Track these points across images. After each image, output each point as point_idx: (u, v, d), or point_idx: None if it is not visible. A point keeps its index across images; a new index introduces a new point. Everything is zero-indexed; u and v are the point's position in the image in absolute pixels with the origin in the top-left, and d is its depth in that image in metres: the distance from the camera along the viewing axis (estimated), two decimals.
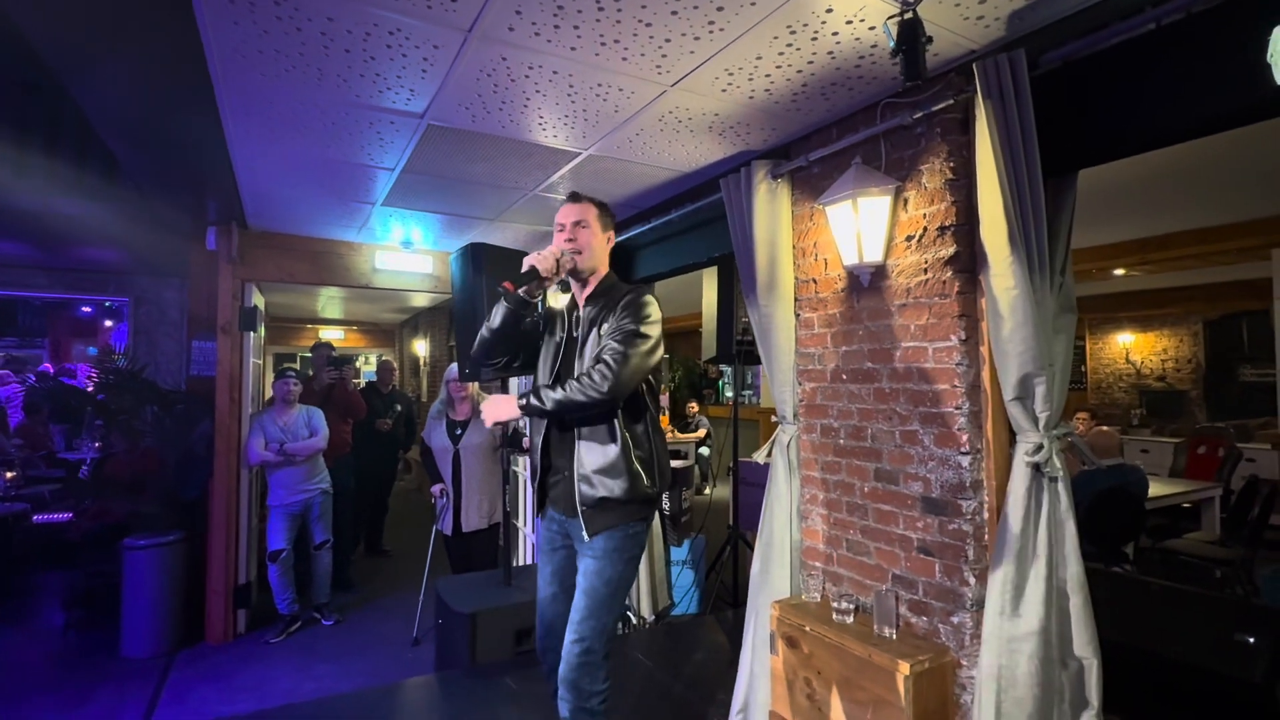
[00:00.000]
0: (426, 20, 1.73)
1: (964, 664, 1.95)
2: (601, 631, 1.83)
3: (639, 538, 1.93)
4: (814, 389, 2.53)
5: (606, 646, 1.83)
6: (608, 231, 2.07)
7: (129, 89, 2.38)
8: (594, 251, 2.01)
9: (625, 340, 1.81)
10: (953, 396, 2.00)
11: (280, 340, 10.33)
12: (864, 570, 2.29)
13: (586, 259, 1.99)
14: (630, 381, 1.79)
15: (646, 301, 1.90)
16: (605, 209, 2.08)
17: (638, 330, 1.83)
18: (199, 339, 4.39)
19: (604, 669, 1.83)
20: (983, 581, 1.94)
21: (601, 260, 2.05)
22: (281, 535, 4.08)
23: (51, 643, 4.06)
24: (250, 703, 3.25)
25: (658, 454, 1.94)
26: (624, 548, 1.88)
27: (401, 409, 5.89)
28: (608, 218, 2.08)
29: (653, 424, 1.96)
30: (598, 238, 2.02)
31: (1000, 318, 1.84)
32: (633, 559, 1.92)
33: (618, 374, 1.76)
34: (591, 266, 2.01)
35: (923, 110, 2.00)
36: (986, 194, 1.86)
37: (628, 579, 1.90)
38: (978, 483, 1.97)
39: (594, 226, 2.02)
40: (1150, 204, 3.90)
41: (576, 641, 1.82)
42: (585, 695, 1.80)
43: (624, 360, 1.78)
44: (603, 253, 2.05)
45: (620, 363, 1.78)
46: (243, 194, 3.42)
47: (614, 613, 1.87)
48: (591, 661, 1.80)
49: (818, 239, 2.50)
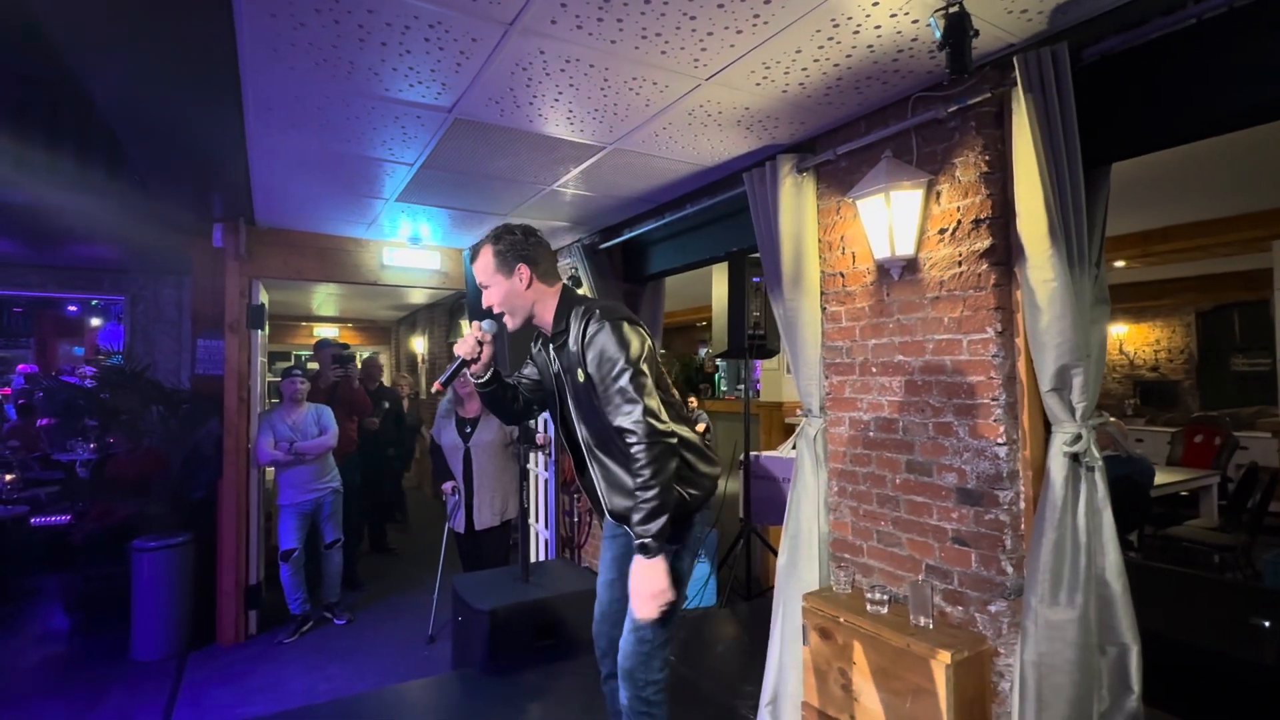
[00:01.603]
0: (469, 13, 1.71)
1: (1002, 652, 1.98)
2: (662, 622, 1.80)
3: (695, 529, 1.91)
4: (842, 382, 2.54)
5: (662, 636, 1.81)
6: (516, 269, 1.81)
7: (146, 81, 2.33)
8: (513, 304, 1.84)
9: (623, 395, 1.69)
10: (988, 388, 2.01)
11: (275, 338, 10.20)
12: (896, 561, 2.31)
13: (513, 315, 1.86)
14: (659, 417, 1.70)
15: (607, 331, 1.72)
16: (502, 247, 1.82)
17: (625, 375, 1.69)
18: (204, 337, 4.32)
19: (660, 658, 1.82)
20: (1020, 571, 1.96)
21: (531, 301, 1.85)
22: (293, 534, 4.04)
23: (57, 646, 4.00)
24: (267, 704, 3.22)
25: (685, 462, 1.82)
26: (677, 538, 1.84)
27: (389, 406, 5.84)
28: (510, 256, 1.81)
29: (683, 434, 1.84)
30: (507, 289, 1.83)
31: (1038, 310, 1.86)
32: (688, 550, 1.89)
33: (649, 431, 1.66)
34: (523, 317, 1.86)
35: (958, 104, 2.01)
36: (1025, 187, 1.87)
37: (679, 570, 1.86)
38: (1014, 473, 1.99)
39: (496, 281, 1.83)
40: (1152, 196, 3.96)
41: (632, 631, 1.82)
42: (641, 685, 1.80)
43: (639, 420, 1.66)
44: (525, 296, 1.83)
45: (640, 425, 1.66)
46: (254, 190, 3.37)
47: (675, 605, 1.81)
48: (646, 651, 1.79)
49: (845, 233, 2.51)
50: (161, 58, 2.16)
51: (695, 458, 1.88)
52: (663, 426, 1.69)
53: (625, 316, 1.79)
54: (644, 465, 1.65)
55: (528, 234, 1.86)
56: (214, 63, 2.05)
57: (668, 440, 1.69)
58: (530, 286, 1.83)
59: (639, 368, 1.71)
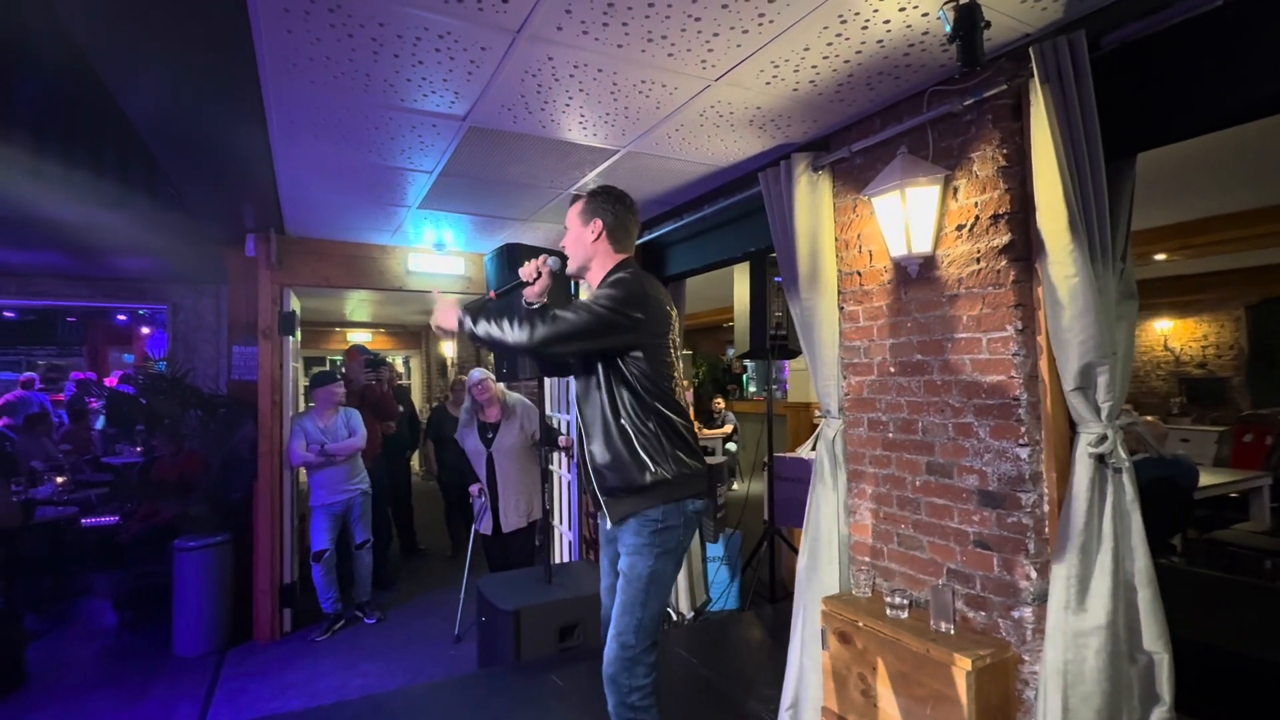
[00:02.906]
0: (476, 23, 1.74)
1: (1026, 659, 1.92)
2: (637, 628, 1.79)
3: (673, 533, 1.84)
4: (860, 382, 2.50)
5: (644, 642, 1.79)
6: (591, 222, 1.95)
7: (175, 98, 2.42)
8: (576, 250, 1.98)
9: (574, 308, 1.79)
10: (1010, 387, 1.96)
11: (311, 344, 10.48)
12: (917, 565, 2.27)
13: (574, 258, 2.00)
14: (552, 342, 1.76)
15: (619, 281, 1.85)
16: (592, 198, 1.98)
17: (591, 304, 1.79)
18: (239, 344, 4.47)
19: (644, 665, 1.79)
20: (1044, 575, 1.91)
21: (592, 254, 1.97)
22: (324, 535, 4.14)
23: (106, 641, 4.17)
24: (300, 700, 3.31)
25: (665, 439, 1.83)
26: (653, 541, 1.82)
27: (404, 410, 5.94)
28: (592, 206, 1.96)
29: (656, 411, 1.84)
30: (578, 234, 1.97)
31: (1059, 306, 1.80)
32: (665, 553, 1.83)
33: (536, 329, 1.75)
34: (580, 264, 1.99)
35: (974, 97, 1.96)
36: (1044, 180, 1.82)
37: (660, 574, 1.82)
38: (1037, 475, 1.94)
39: (574, 225, 1.99)
40: (1189, 186, 3.80)
41: (614, 636, 1.81)
42: (624, 690, 1.78)
43: (554, 320, 1.75)
44: (589, 247, 1.96)
45: (549, 321, 1.75)
46: (282, 200, 3.47)
47: (649, 609, 1.81)
48: (627, 657, 1.78)
49: (861, 231, 2.47)
50: (188, 76, 2.24)
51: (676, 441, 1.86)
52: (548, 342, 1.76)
53: (642, 279, 1.87)
54: (515, 325, 1.77)
55: (617, 199, 1.98)
56: (238, 79, 2.12)
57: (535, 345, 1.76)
58: (596, 240, 1.95)
59: (611, 310, 1.77)
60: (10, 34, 3.37)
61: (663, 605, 1.83)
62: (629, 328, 1.79)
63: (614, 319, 1.77)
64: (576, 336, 1.76)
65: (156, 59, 2.13)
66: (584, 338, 1.77)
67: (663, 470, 1.81)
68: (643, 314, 1.80)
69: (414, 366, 11.80)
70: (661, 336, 1.87)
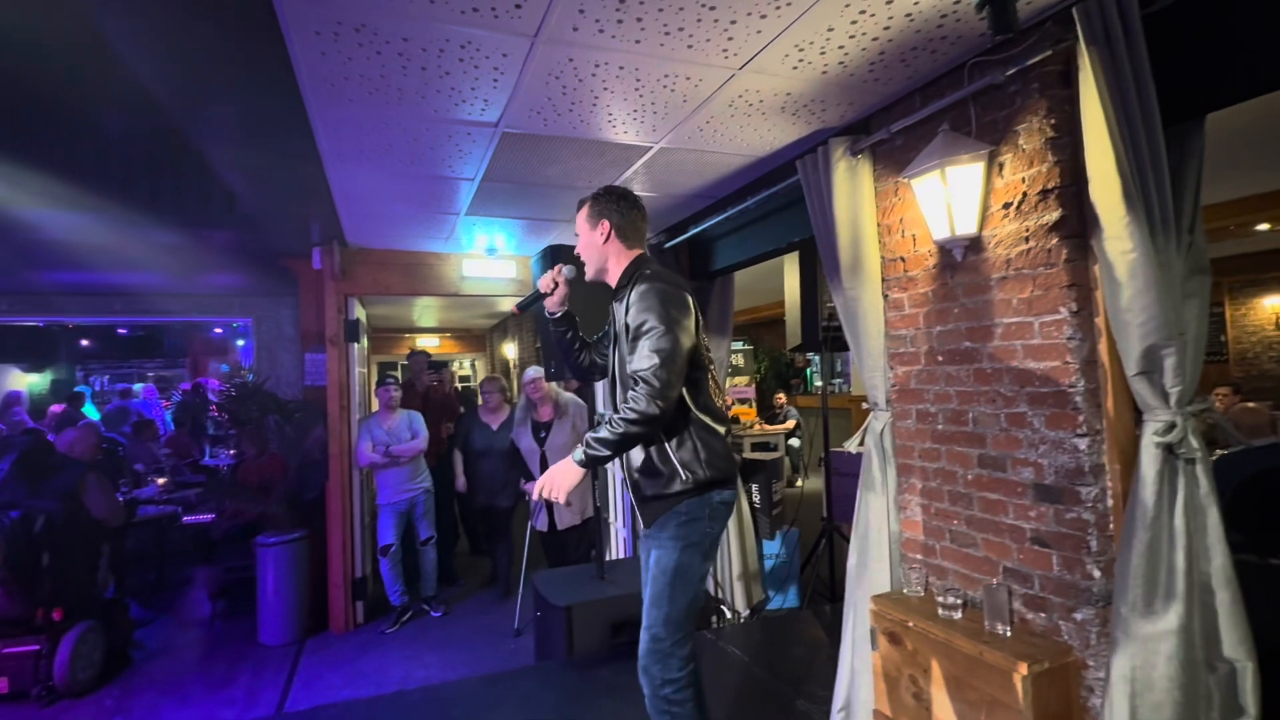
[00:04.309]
0: (494, 30, 1.77)
1: (1090, 664, 1.79)
2: (666, 620, 1.78)
3: (698, 525, 1.81)
4: (907, 373, 2.40)
5: (675, 635, 1.78)
6: (599, 224, 1.95)
7: (238, 132, 2.63)
8: (591, 254, 1.99)
9: (649, 350, 1.71)
10: (1064, 374, 1.83)
11: (382, 350, 11.00)
12: (971, 563, 2.15)
13: (589, 263, 2.02)
14: (674, 386, 1.70)
15: (648, 293, 1.78)
16: (595, 200, 1.97)
17: (655, 332, 1.72)
18: (311, 352, 4.74)
19: (676, 658, 1.77)
20: (1109, 575, 1.77)
21: (605, 255, 1.97)
22: (390, 531, 4.35)
23: (201, 630, 4.53)
24: (368, 689, 3.48)
25: (701, 447, 1.80)
26: (680, 535, 1.81)
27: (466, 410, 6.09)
28: (597, 208, 1.96)
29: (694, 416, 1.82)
30: (589, 238, 1.98)
31: (1117, 284, 1.67)
32: (692, 546, 1.81)
33: (656, 388, 1.66)
34: (598, 266, 2.00)
35: (1016, 66, 1.84)
36: (1095, 150, 1.69)
37: (688, 568, 1.80)
38: (1098, 467, 1.80)
39: (583, 230, 2.00)
40: None
41: (646, 629, 1.82)
42: (657, 683, 1.78)
43: (655, 371, 1.68)
44: (601, 249, 1.96)
45: (653, 375, 1.67)
46: (340, 214, 3.65)
47: (679, 602, 1.79)
48: (659, 649, 1.77)
49: (904, 215, 2.37)
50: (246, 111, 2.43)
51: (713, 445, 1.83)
52: (668, 389, 1.67)
53: (672, 281, 1.84)
54: (633, 405, 1.66)
55: (620, 198, 1.98)
56: (286, 106, 2.25)
57: (666, 402, 1.67)
58: (607, 241, 1.96)
59: (672, 330, 1.72)
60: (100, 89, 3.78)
61: (692, 599, 1.81)
62: (691, 333, 1.80)
63: (683, 337, 1.74)
64: (678, 367, 1.71)
65: (220, 101, 2.32)
66: (678, 361, 1.71)
67: (694, 476, 1.80)
68: (692, 317, 1.81)
69: (479, 368, 12.18)
70: (696, 334, 1.86)
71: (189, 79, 2.12)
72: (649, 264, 1.94)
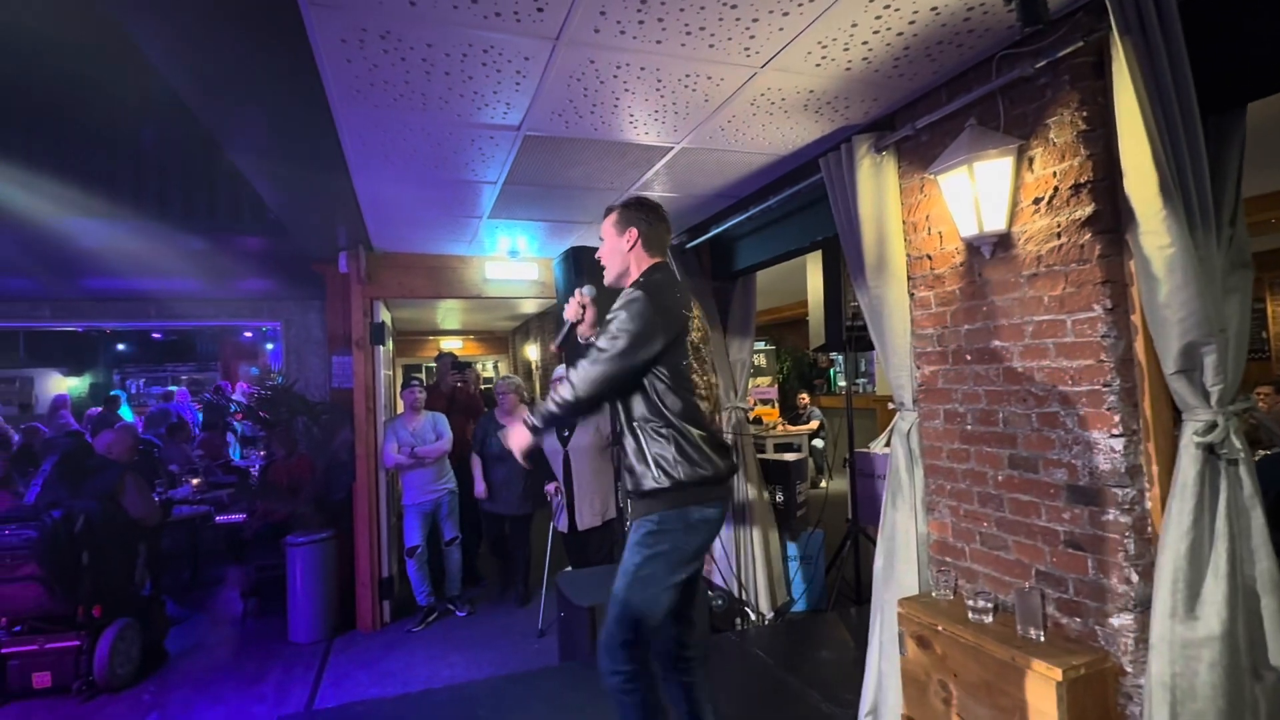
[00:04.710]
0: (516, 33, 1.78)
1: (1129, 671, 1.75)
2: (619, 618, 1.81)
3: (668, 537, 1.83)
4: (934, 372, 2.36)
5: (625, 633, 1.80)
6: (627, 231, 2.01)
7: (268, 142, 2.68)
8: (614, 260, 2.05)
9: (593, 353, 1.84)
10: (1098, 372, 1.79)
11: (407, 352, 11.14)
12: (1002, 566, 2.11)
13: (609, 269, 2.07)
14: (591, 387, 1.82)
15: (623, 303, 1.86)
16: (625, 209, 2.03)
17: (605, 340, 1.82)
18: (338, 354, 4.82)
19: (623, 654, 1.80)
20: (1148, 579, 1.72)
21: (628, 262, 2.03)
22: (417, 532, 4.39)
23: (233, 627, 4.62)
24: (396, 687, 3.52)
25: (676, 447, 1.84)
26: (646, 543, 1.84)
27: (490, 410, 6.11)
28: (626, 216, 2.02)
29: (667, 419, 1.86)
30: (614, 244, 2.04)
31: (1154, 280, 1.62)
32: (656, 556, 1.82)
33: (575, 386, 1.83)
34: (618, 272, 2.05)
35: (1047, 58, 1.80)
36: (1130, 142, 1.64)
37: (648, 576, 1.82)
38: (1135, 468, 1.75)
39: (609, 236, 2.05)
40: None
41: (606, 620, 1.87)
42: (606, 670, 1.83)
43: (582, 371, 1.82)
44: (625, 256, 2.02)
45: (580, 374, 1.83)
46: (366, 219, 3.71)
47: (631, 603, 1.81)
48: (609, 641, 1.82)
49: (930, 212, 2.33)
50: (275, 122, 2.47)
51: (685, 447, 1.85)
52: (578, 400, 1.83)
53: (652, 293, 1.86)
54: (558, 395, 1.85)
55: (650, 209, 2.04)
56: (313, 115, 2.29)
57: (582, 403, 1.84)
58: (632, 249, 2.01)
59: (615, 343, 1.80)
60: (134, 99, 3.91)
61: (650, 605, 1.81)
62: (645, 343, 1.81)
63: (629, 344, 1.80)
64: (605, 376, 1.81)
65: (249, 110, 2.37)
66: (612, 374, 1.81)
67: (668, 478, 1.83)
68: (651, 326, 1.82)
69: (502, 369, 12.27)
70: (676, 342, 1.87)
71: (220, 88, 2.17)
72: (659, 270, 1.99)
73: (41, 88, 4.36)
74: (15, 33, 4.01)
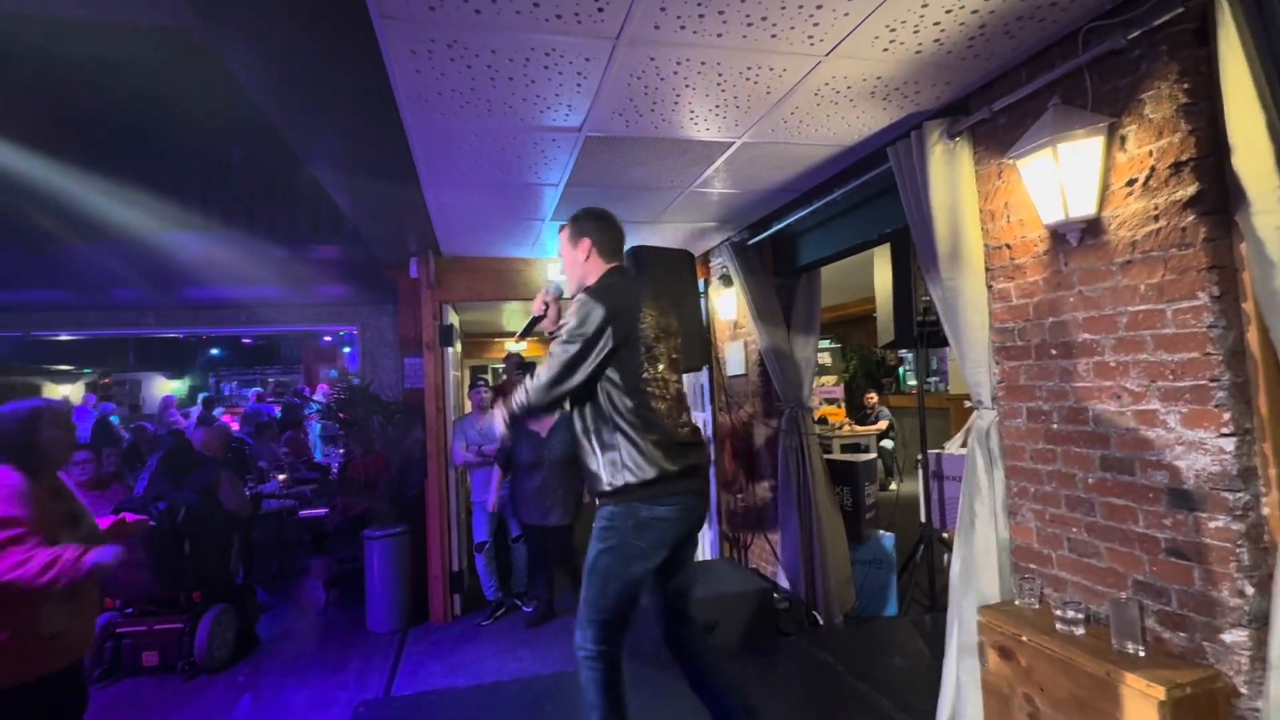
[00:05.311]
0: (576, 35, 1.80)
1: (1244, 692, 1.60)
2: (585, 601, 1.97)
3: (615, 533, 1.95)
4: (1015, 368, 2.24)
5: (590, 614, 1.96)
6: (580, 242, 2.14)
7: (346, 155, 2.82)
8: (573, 271, 2.17)
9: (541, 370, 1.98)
10: (1204, 366, 1.65)
11: (475, 354, 11.46)
12: (1094, 574, 1.97)
13: (570, 279, 2.20)
14: (542, 395, 1.95)
15: (573, 309, 1.97)
16: (575, 222, 2.16)
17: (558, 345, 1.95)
18: (409, 356, 5.01)
19: (591, 632, 1.95)
20: (1265, 592, 1.57)
21: (586, 271, 2.14)
22: (484, 528, 4.51)
23: (317, 616, 4.87)
24: (466, 679, 3.61)
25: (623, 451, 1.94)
26: (599, 536, 1.98)
27: None
28: (578, 228, 2.15)
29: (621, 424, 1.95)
30: (571, 257, 2.17)
31: (1270, 264, 1.48)
32: (609, 550, 1.95)
33: (529, 390, 1.97)
34: (579, 281, 2.15)
35: (1141, 27, 1.67)
36: (1240, 114, 1.51)
37: (605, 567, 1.95)
38: (1248, 470, 1.60)
39: (565, 251, 2.19)
40: None
41: None
42: (577, 644, 1.98)
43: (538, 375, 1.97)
44: (582, 266, 2.14)
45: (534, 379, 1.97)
46: (434, 225, 3.83)
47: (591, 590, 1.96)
48: (580, 619, 1.98)
49: (1009, 199, 2.21)
50: (352, 135, 2.60)
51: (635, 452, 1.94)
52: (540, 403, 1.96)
53: (600, 295, 1.96)
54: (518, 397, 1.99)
55: (597, 217, 2.18)
56: (386, 126, 2.38)
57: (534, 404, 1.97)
58: (587, 259, 2.14)
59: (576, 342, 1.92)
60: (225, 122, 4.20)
61: (612, 595, 1.95)
62: (595, 343, 1.92)
63: (580, 348, 1.91)
64: (557, 380, 1.93)
65: (327, 124, 2.50)
66: (564, 377, 1.93)
67: (615, 481, 1.95)
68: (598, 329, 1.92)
69: None
70: (627, 342, 1.95)
71: (299, 105, 2.30)
72: (613, 274, 2.12)
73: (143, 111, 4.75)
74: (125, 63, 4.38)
